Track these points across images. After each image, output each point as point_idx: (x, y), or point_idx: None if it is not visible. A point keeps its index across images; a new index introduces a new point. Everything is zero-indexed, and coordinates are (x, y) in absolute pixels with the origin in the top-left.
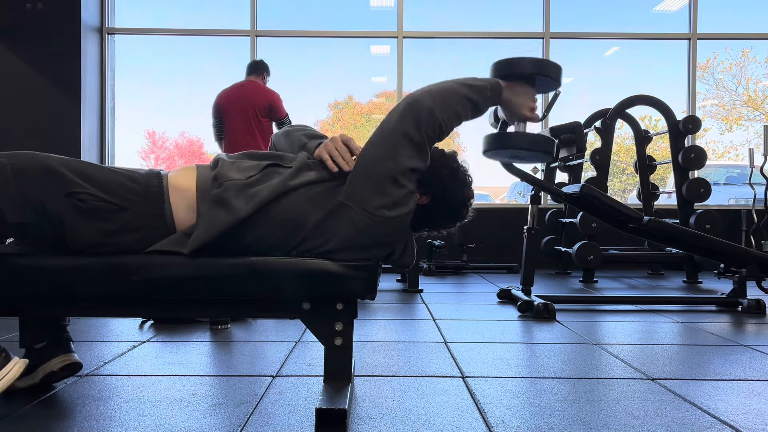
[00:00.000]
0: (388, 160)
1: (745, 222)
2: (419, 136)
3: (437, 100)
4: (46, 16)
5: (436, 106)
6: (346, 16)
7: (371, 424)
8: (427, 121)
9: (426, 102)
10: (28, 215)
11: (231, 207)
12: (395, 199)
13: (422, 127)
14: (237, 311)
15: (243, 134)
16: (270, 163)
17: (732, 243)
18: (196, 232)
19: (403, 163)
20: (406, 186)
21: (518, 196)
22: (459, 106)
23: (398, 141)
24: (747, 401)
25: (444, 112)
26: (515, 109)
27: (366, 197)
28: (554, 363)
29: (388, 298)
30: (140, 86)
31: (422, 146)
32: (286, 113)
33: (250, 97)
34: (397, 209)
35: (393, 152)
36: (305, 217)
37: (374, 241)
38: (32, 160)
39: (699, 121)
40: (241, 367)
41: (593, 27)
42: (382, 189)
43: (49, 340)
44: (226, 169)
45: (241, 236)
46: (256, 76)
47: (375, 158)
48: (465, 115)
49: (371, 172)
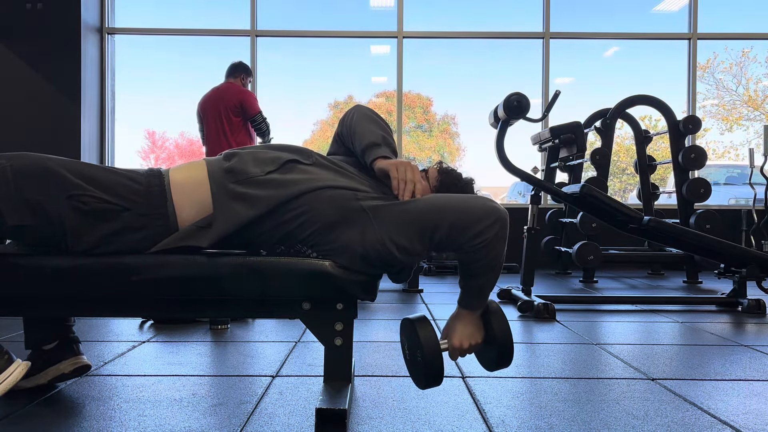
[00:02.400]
0: (444, 228)
1: (745, 222)
2: (470, 244)
3: (496, 271)
4: (46, 16)
5: (496, 266)
6: (346, 16)
7: (371, 424)
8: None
9: (500, 249)
10: (28, 217)
11: (252, 202)
12: (415, 251)
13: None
14: (237, 311)
15: (215, 133)
16: (290, 159)
17: (732, 243)
18: (215, 225)
19: (447, 237)
20: (428, 249)
21: (518, 196)
22: (494, 282)
23: (461, 229)
24: (747, 401)
25: (494, 275)
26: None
27: (392, 228)
28: (554, 363)
29: (388, 298)
30: (140, 86)
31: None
32: (259, 110)
33: (222, 98)
34: (405, 257)
35: (454, 228)
36: (320, 215)
37: (374, 259)
38: (32, 162)
39: (699, 121)
40: (241, 367)
41: (593, 27)
42: (412, 237)
43: (58, 342)
44: (243, 163)
45: (256, 228)
46: (234, 78)
47: (437, 217)
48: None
49: (422, 220)
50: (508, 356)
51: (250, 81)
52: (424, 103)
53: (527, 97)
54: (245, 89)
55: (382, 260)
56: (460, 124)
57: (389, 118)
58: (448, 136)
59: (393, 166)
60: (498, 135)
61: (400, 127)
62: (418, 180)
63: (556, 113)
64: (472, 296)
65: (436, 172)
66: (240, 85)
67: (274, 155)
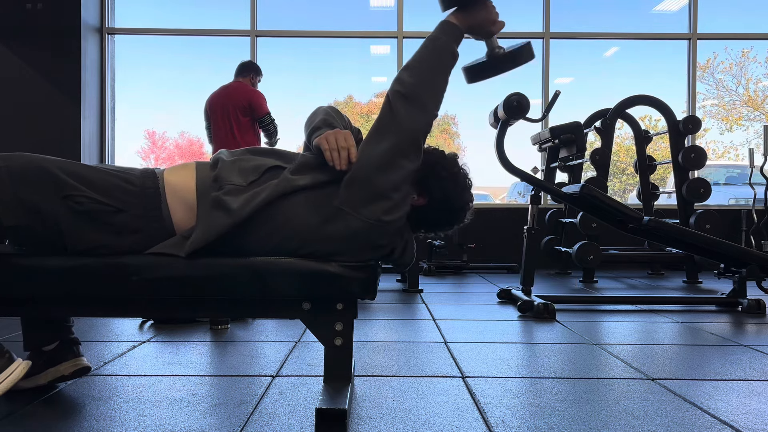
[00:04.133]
0: (387, 165)
1: (745, 222)
2: (414, 135)
3: (422, 88)
4: (46, 16)
5: (423, 94)
6: (346, 16)
7: (371, 424)
8: (419, 117)
9: (412, 91)
10: (23, 218)
11: (230, 209)
12: (394, 202)
13: (419, 125)
14: (237, 311)
15: (224, 133)
16: (272, 165)
17: (732, 243)
18: (194, 234)
19: (404, 167)
20: (403, 189)
21: (518, 196)
22: (439, 77)
23: (396, 144)
24: (747, 401)
25: (434, 96)
26: (481, 30)
27: (363, 202)
28: (554, 363)
29: (388, 298)
30: (140, 86)
31: (418, 144)
32: (267, 111)
33: (231, 96)
34: (394, 213)
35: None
36: (303, 221)
37: (373, 244)
38: (28, 163)
39: (699, 121)
40: (241, 367)
41: (593, 27)
42: (380, 194)
43: (59, 343)
44: (227, 171)
45: (239, 239)
46: (243, 77)
47: (373, 162)
48: (446, 77)
49: (369, 177)
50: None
51: (259, 80)
52: None
53: (527, 97)
54: (254, 89)
55: (378, 242)
56: (460, 124)
57: None
58: (448, 136)
59: (323, 139)
60: (498, 135)
61: None
62: (351, 144)
63: (556, 113)
64: (453, 60)
65: None
66: (249, 85)
67: (257, 163)
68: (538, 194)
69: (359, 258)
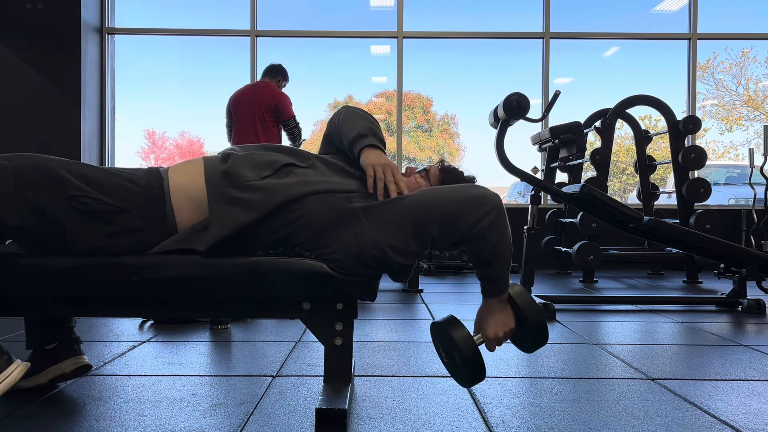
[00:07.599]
0: (435, 225)
1: (745, 222)
2: (467, 236)
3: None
4: (46, 16)
5: (503, 245)
6: (346, 16)
7: (371, 424)
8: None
9: (499, 235)
10: (28, 218)
11: (248, 206)
12: (410, 251)
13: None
14: (237, 311)
15: (246, 132)
16: (287, 163)
17: (732, 243)
18: (211, 229)
19: (440, 234)
20: (424, 248)
21: (518, 196)
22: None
23: (458, 218)
24: (747, 401)
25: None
26: (489, 328)
27: (385, 230)
28: (554, 363)
29: (388, 298)
30: (140, 86)
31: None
32: (293, 115)
33: (257, 96)
34: (401, 258)
35: (444, 223)
36: (315, 218)
37: (371, 260)
38: (33, 163)
39: (699, 121)
40: (241, 367)
41: (593, 27)
42: (405, 237)
43: (60, 342)
44: (239, 166)
45: (253, 232)
46: (271, 78)
47: (426, 215)
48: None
49: (412, 218)
50: (543, 334)
51: (284, 85)
52: (424, 103)
53: (527, 97)
54: (282, 92)
55: (378, 261)
56: (460, 124)
57: (389, 119)
58: (448, 136)
59: (370, 166)
60: (498, 135)
61: (400, 127)
62: (399, 179)
63: (556, 113)
64: (490, 284)
65: (437, 170)
66: (276, 87)
67: (271, 158)
68: (538, 194)
69: (353, 269)
